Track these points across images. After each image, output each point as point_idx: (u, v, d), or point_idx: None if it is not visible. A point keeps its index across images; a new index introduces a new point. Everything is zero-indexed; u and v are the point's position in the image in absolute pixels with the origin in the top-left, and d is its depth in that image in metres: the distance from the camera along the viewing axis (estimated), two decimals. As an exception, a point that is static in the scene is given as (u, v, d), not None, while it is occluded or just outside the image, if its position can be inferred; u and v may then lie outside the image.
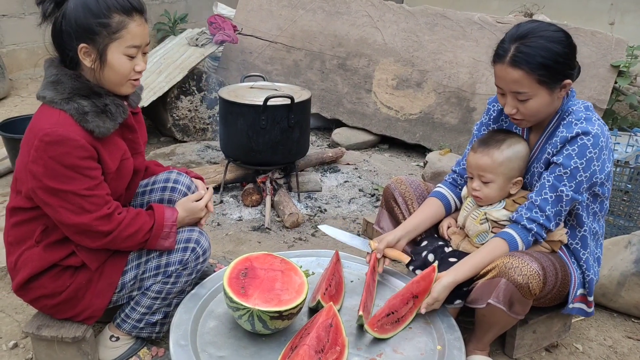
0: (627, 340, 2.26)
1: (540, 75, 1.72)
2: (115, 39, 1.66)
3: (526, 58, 1.71)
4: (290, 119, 3.04)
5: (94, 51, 1.66)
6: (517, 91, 1.76)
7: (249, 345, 1.73)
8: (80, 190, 1.66)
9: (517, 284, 1.72)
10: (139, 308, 1.90)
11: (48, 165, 1.63)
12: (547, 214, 1.80)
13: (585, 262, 1.91)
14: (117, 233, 1.73)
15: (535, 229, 1.81)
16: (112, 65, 1.68)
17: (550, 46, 1.72)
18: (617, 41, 3.86)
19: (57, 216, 1.69)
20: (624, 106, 4.55)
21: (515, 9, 5.85)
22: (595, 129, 1.75)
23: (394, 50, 4.41)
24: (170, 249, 1.85)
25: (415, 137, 4.28)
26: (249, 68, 4.71)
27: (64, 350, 1.87)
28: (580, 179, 1.76)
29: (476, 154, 1.92)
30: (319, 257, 2.21)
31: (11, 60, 5.31)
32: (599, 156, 1.76)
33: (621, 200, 2.88)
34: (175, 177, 2.07)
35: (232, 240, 2.89)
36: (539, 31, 1.75)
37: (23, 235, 1.80)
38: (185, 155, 3.81)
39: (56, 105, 1.67)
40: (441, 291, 1.80)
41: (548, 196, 1.79)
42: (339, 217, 3.20)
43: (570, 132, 1.77)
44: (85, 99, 1.69)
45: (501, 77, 1.78)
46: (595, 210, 1.91)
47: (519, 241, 1.82)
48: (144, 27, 1.72)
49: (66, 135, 1.62)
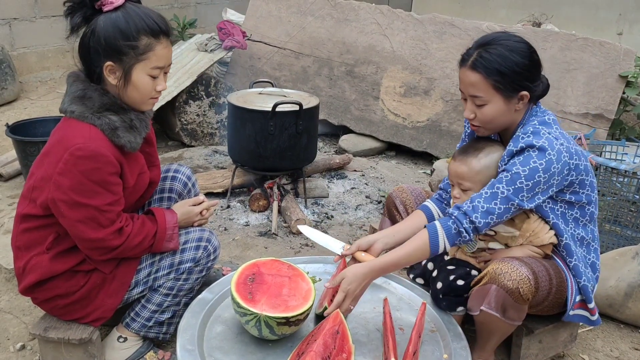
0: (634, 352, 2.25)
1: (495, 81, 1.77)
2: (141, 60, 1.70)
3: (484, 63, 1.78)
4: (299, 125, 3.05)
5: (119, 70, 1.70)
6: (474, 95, 1.82)
7: (255, 350, 1.74)
8: (102, 206, 1.70)
9: (507, 289, 1.73)
10: (150, 305, 1.92)
11: (77, 178, 1.66)
12: (474, 205, 1.78)
13: (574, 268, 1.90)
14: (126, 245, 1.77)
15: (456, 213, 1.79)
16: (135, 84, 1.72)
17: (509, 55, 1.78)
18: (626, 51, 3.86)
19: (73, 230, 1.72)
20: (631, 116, 4.54)
21: (524, 18, 5.86)
22: (542, 142, 1.74)
23: (402, 58, 4.42)
24: (175, 249, 1.89)
25: (422, 145, 4.28)
26: (258, 74, 4.73)
27: (71, 352, 1.88)
28: (520, 185, 1.75)
29: (455, 162, 1.95)
30: (326, 264, 2.22)
31: (22, 63, 5.35)
32: (547, 168, 1.74)
33: (629, 210, 2.87)
34: (175, 167, 2.15)
35: (238, 245, 2.90)
36: (501, 40, 1.82)
37: (33, 241, 1.81)
38: (193, 159, 3.83)
39: (87, 120, 1.69)
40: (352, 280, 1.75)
41: (483, 192, 1.80)
42: (346, 224, 3.20)
43: (516, 146, 1.79)
44: (114, 115, 1.73)
45: (462, 79, 1.86)
46: (575, 216, 1.90)
47: (438, 228, 1.80)
48: (169, 49, 1.76)
49: (98, 150, 1.66)
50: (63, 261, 1.80)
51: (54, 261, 1.79)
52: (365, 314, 1.95)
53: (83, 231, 1.70)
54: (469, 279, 1.92)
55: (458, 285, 1.92)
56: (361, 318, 1.92)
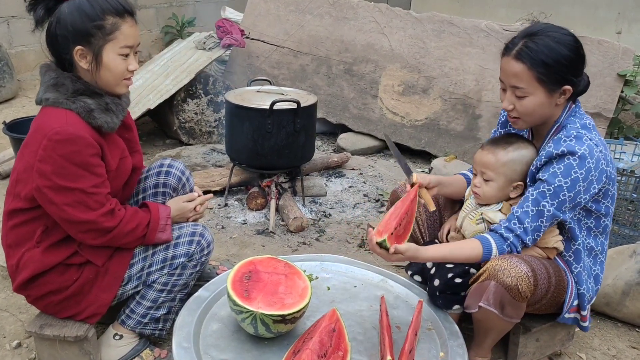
0: (631, 350, 2.24)
1: (540, 73, 1.74)
2: (109, 40, 1.72)
3: (530, 53, 1.75)
4: (297, 123, 3.05)
5: (89, 53, 1.72)
6: (515, 85, 1.79)
7: (251, 348, 1.73)
8: (88, 188, 1.70)
9: (506, 285, 1.72)
10: (144, 302, 1.92)
11: (58, 163, 1.66)
12: (525, 227, 1.78)
13: (577, 275, 1.90)
14: (119, 229, 1.78)
15: (511, 238, 1.80)
16: (107, 65, 1.74)
17: (556, 46, 1.74)
18: (624, 50, 3.86)
19: (63, 215, 1.71)
20: (630, 115, 4.54)
21: (523, 16, 5.85)
22: (583, 150, 1.73)
23: (400, 57, 4.42)
24: (168, 241, 1.90)
25: (420, 144, 4.28)
26: (256, 72, 4.73)
27: (66, 350, 1.88)
28: (563, 197, 1.75)
29: (483, 150, 1.95)
30: (323, 262, 2.21)
31: (19, 61, 5.35)
32: (586, 177, 1.74)
33: (626, 209, 2.87)
34: (169, 162, 2.16)
35: (236, 244, 2.90)
36: (549, 31, 1.78)
37: (23, 237, 1.81)
38: (191, 158, 3.82)
39: (62, 105, 1.71)
40: (399, 258, 1.75)
41: (529, 209, 1.78)
42: (344, 222, 3.20)
43: (557, 149, 1.76)
44: (89, 98, 1.74)
45: (504, 69, 1.82)
46: (589, 225, 1.88)
47: (493, 245, 1.80)
48: (136, 28, 1.78)
49: (76, 133, 1.67)
50: (55, 254, 1.80)
51: (45, 254, 1.79)
52: (362, 311, 1.95)
53: (72, 214, 1.70)
54: (467, 277, 1.91)
55: (456, 282, 1.92)
56: (358, 316, 1.92)
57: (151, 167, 2.16)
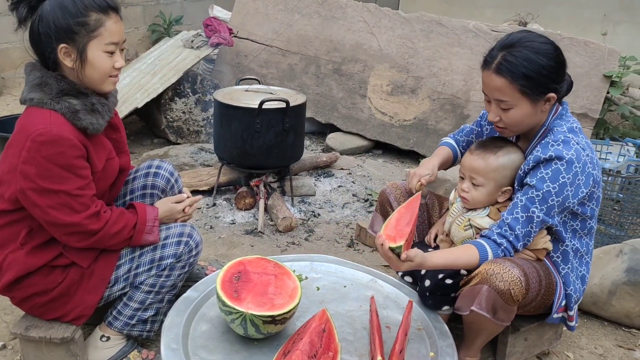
0: (617, 349, 2.27)
1: (522, 86, 1.73)
2: (94, 37, 1.69)
3: (510, 67, 1.73)
4: (285, 122, 3.04)
5: (74, 51, 1.69)
6: (499, 99, 1.78)
7: (241, 349, 1.72)
8: (73, 190, 1.67)
9: (499, 290, 1.72)
10: (132, 303, 1.90)
11: (42, 165, 1.63)
12: (516, 233, 1.79)
13: (565, 276, 1.91)
14: (104, 231, 1.75)
15: (505, 244, 1.80)
16: (92, 63, 1.71)
17: (535, 57, 1.73)
18: (610, 51, 3.90)
19: (47, 217, 1.68)
20: (615, 116, 4.59)
21: (510, 17, 5.89)
22: (570, 154, 1.73)
23: (389, 56, 4.42)
24: (155, 243, 1.87)
25: (409, 143, 4.28)
26: (244, 71, 4.71)
27: (52, 352, 1.85)
28: (551, 202, 1.76)
29: (472, 155, 1.93)
30: (313, 262, 2.21)
31: (4, 58, 5.27)
32: (573, 182, 1.74)
33: (612, 209, 2.90)
34: (157, 163, 2.13)
35: (224, 244, 2.88)
36: (527, 41, 1.76)
37: (6, 239, 1.78)
38: (179, 157, 3.80)
39: (46, 106, 1.68)
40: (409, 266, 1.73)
41: (519, 216, 1.79)
42: (332, 222, 3.19)
43: (544, 154, 1.76)
44: (74, 98, 1.71)
45: (486, 83, 1.81)
46: (575, 227, 1.89)
47: (489, 251, 1.80)
48: (120, 25, 1.75)
49: (60, 134, 1.63)
50: (39, 256, 1.77)
51: (29, 256, 1.76)
52: (352, 312, 1.94)
53: (57, 217, 1.67)
54: (457, 278, 1.91)
55: (446, 283, 1.92)
56: (348, 316, 1.92)
57: (139, 168, 2.13)
